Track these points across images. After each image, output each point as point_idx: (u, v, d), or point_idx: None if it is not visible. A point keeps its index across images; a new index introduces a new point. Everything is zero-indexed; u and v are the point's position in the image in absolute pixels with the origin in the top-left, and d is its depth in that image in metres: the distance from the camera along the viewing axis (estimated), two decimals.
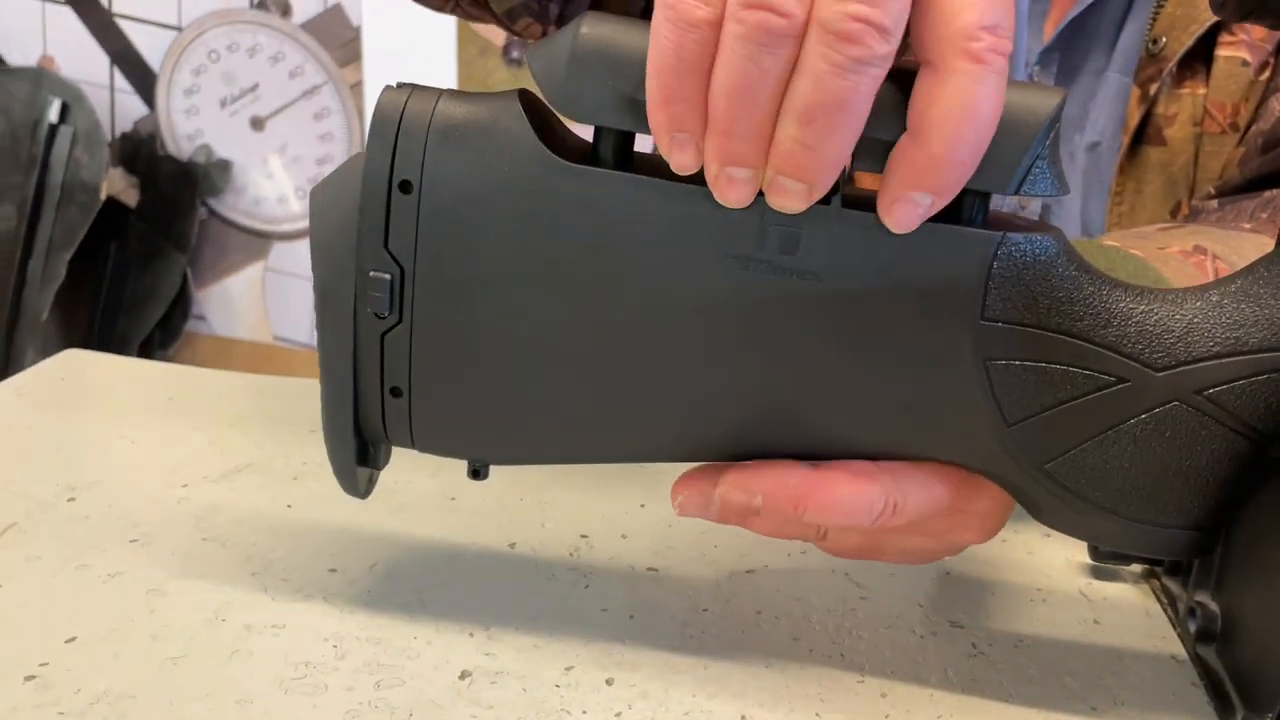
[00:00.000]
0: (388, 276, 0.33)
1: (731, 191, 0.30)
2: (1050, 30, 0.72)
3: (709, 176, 0.30)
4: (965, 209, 0.32)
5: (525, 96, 0.33)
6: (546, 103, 0.32)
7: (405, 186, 0.32)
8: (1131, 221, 0.71)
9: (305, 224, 1.92)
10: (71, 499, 0.45)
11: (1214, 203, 0.67)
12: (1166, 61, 0.68)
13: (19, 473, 0.47)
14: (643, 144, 0.33)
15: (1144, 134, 0.69)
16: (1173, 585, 0.43)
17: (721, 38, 0.28)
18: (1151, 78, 0.69)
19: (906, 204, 0.29)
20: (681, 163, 0.30)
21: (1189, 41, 0.67)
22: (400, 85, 0.33)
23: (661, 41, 0.28)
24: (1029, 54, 0.72)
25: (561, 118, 0.33)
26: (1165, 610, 0.43)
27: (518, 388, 0.34)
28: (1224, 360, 0.32)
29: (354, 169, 0.33)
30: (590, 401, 0.34)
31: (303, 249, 1.93)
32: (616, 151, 0.32)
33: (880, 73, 0.28)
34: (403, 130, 0.32)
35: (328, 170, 1.88)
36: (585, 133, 0.34)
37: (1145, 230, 0.61)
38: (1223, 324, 0.32)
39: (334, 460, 0.36)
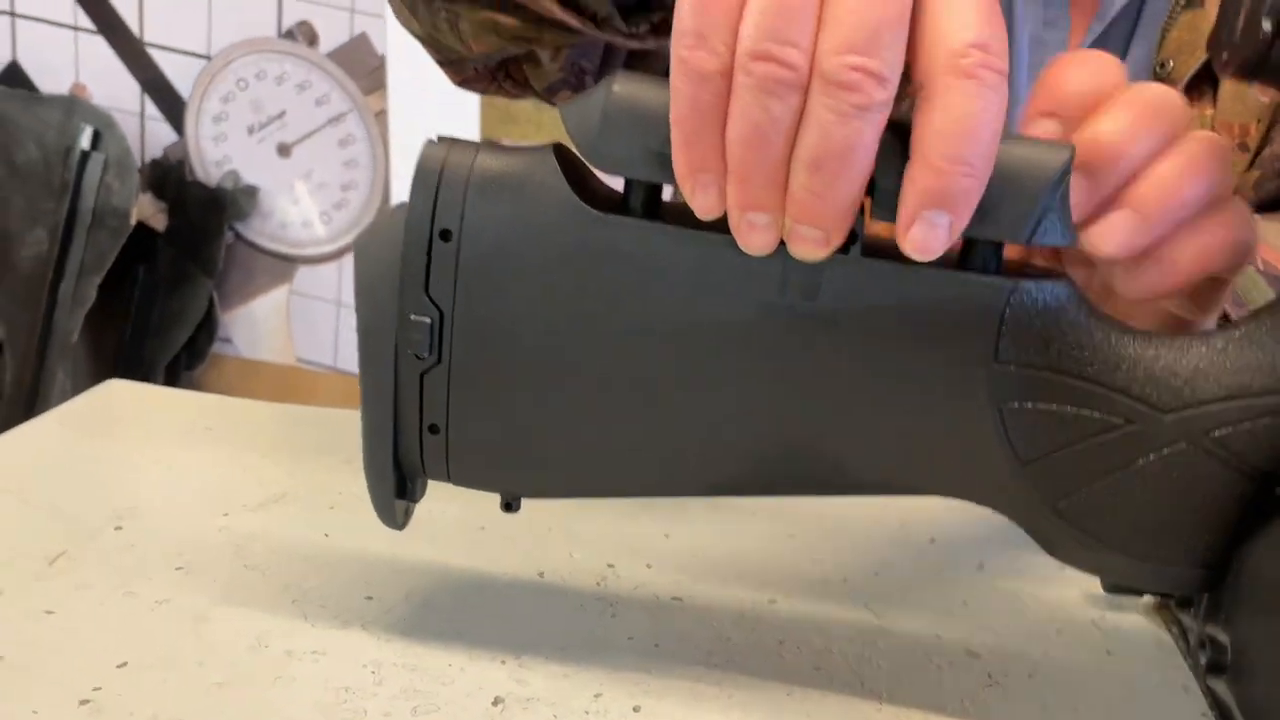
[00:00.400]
0: (428, 320, 0.35)
1: (754, 237, 0.32)
2: None
3: (731, 224, 0.32)
4: (979, 257, 0.33)
5: (560, 150, 0.35)
6: (580, 156, 0.34)
7: (445, 235, 0.34)
8: None
9: (330, 248, 1.95)
10: (118, 527, 0.47)
11: None
12: (1174, 84, 0.69)
13: (68, 501, 0.48)
14: (669, 193, 0.35)
15: None
16: (1185, 617, 0.44)
17: (733, 88, 0.30)
18: None
19: (923, 225, 0.30)
20: (705, 205, 0.32)
21: (1195, 65, 0.68)
22: (441, 139, 0.35)
23: (679, 93, 0.30)
24: None
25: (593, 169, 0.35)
26: (1177, 642, 0.44)
27: (550, 426, 0.36)
28: (1229, 404, 0.33)
29: (396, 218, 0.35)
30: (619, 439, 0.36)
31: (327, 273, 1.96)
32: (645, 202, 0.34)
33: (881, 118, 0.29)
34: (443, 182, 0.34)
35: (352, 195, 1.92)
36: (616, 183, 0.35)
37: None
38: (1228, 369, 0.33)
39: (373, 493, 0.38)
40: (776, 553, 0.49)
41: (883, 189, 0.31)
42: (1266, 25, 0.30)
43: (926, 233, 0.30)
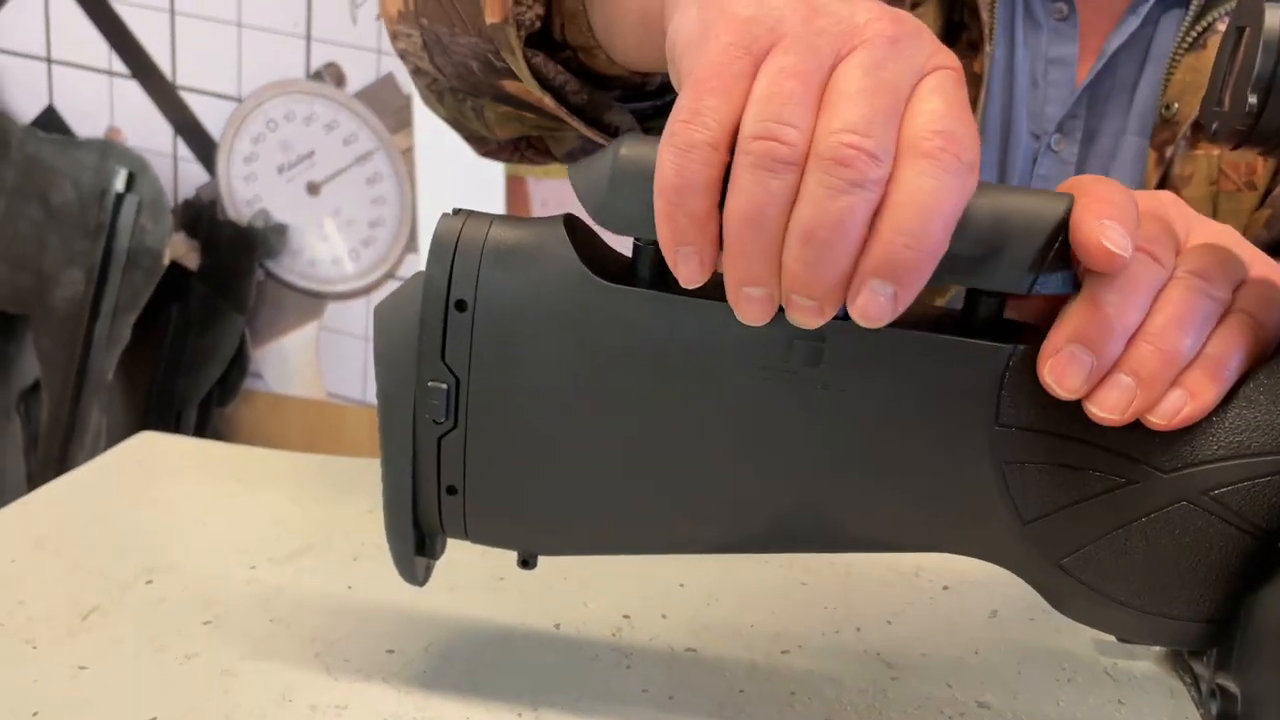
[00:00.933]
0: (444, 386, 0.36)
1: (750, 309, 0.32)
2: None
3: (730, 297, 0.33)
4: (981, 308, 0.34)
5: (570, 221, 0.36)
6: (589, 217, 0.35)
7: (461, 305, 0.36)
8: None
9: (358, 284, 1.98)
10: (149, 581, 0.48)
11: None
12: (1180, 125, 0.70)
13: (100, 555, 0.50)
14: None
15: None
16: (1197, 666, 0.45)
17: (734, 168, 0.31)
18: (1166, 141, 0.70)
19: (867, 293, 0.31)
20: (686, 275, 0.32)
21: (1200, 106, 0.68)
22: (457, 212, 0.37)
23: (664, 163, 0.31)
24: (1047, 121, 0.75)
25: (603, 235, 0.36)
26: (1189, 690, 0.45)
27: (563, 487, 0.37)
28: (1228, 463, 0.34)
29: (414, 288, 0.36)
30: (629, 500, 0.37)
31: (356, 308, 1.99)
32: (653, 270, 0.35)
33: (874, 195, 0.30)
34: (458, 254, 0.36)
35: (380, 232, 1.95)
36: (625, 245, 0.37)
37: None
38: (1226, 428, 0.34)
39: (394, 551, 0.39)
40: (790, 601, 0.50)
41: None
42: (1252, 99, 0.31)
43: (868, 300, 0.31)
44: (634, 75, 0.55)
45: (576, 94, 0.53)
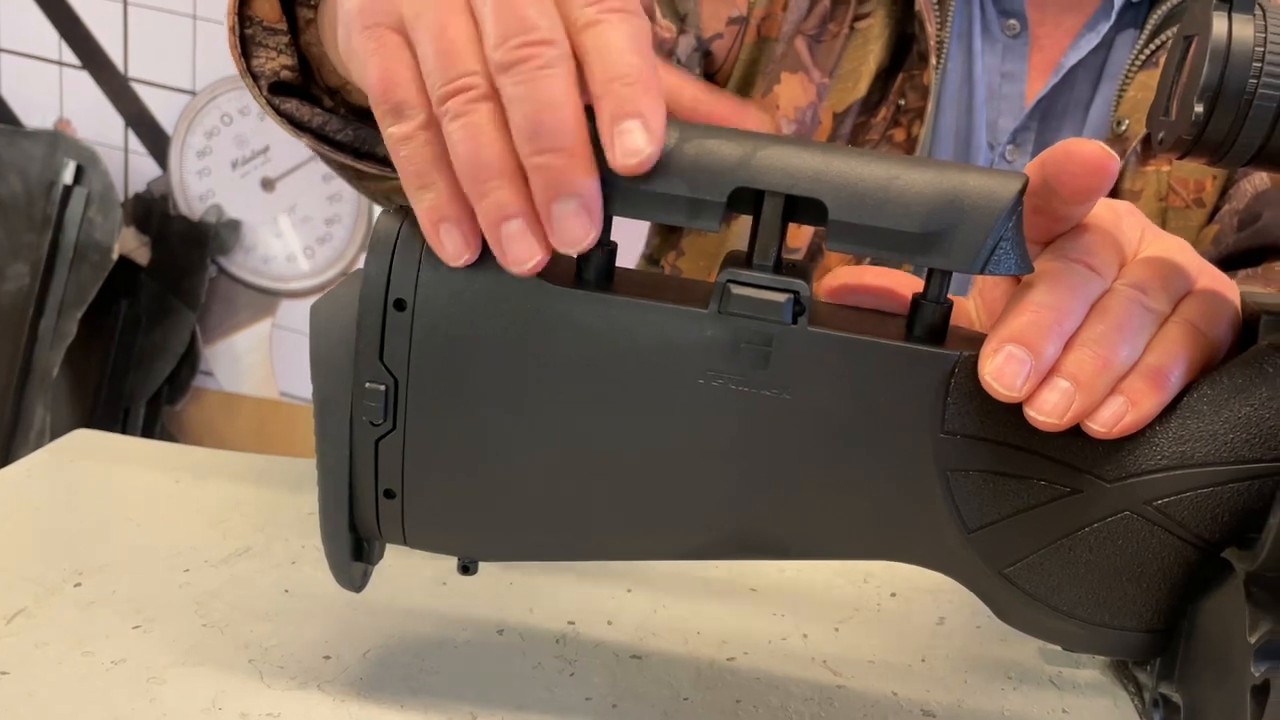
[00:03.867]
0: (382, 387, 0.35)
1: (516, 248, 0.33)
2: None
3: (495, 251, 0.33)
4: (927, 315, 0.34)
5: None
6: None
7: (400, 305, 0.35)
8: None
9: (313, 282, 1.95)
10: (78, 584, 0.47)
11: None
12: (1130, 141, 0.70)
13: (29, 557, 0.48)
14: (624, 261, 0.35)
15: None
16: (1141, 675, 0.45)
17: (445, 136, 0.32)
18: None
19: (619, 136, 0.31)
20: (454, 251, 0.33)
21: (1148, 115, 0.69)
22: (398, 209, 0.36)
23: (398, 164, 0.33)
24: (1000, 132, 0.75)
25: None
26: (1132, 699, 0.45)
27: (505, 492, 0.36)
28: (1171, 473, 0.34)
29: (352, 287, 0.35)
30: (572, 506, 0.36)
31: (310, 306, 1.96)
32: (599, 273, 0.35)
33: (568, 67, 0.31)
34: (397, 252, 0.35)
35: (336, 230, 1.92)
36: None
37: None
38: (1170, 438, 0.34)
39: (330, 557, 0.38)
40: (738, 607, 0.49)
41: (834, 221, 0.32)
42: (1199, 107, 0.31)
43: (624, 142, 0.31)
44: None
45: (341, 130, 0.55)
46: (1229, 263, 0.68)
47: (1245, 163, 0.31)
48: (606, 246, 0.34)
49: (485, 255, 0.34)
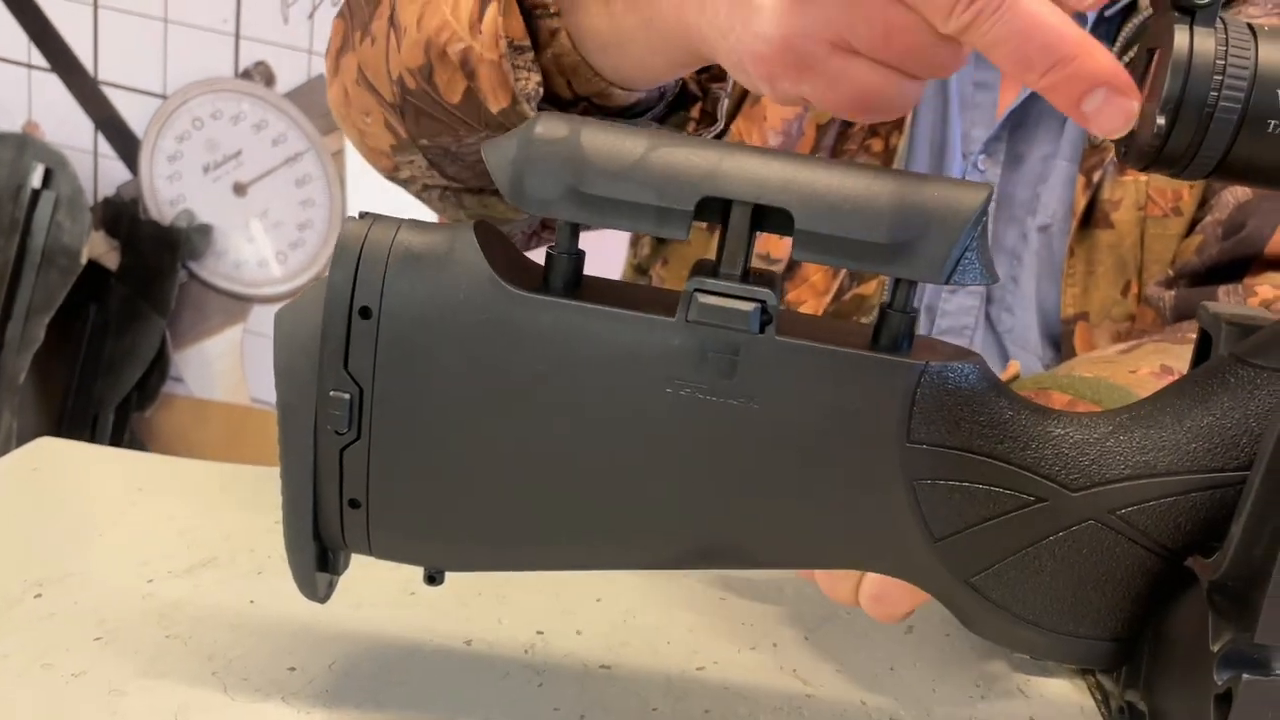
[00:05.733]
0: (347, 396, 0.35)
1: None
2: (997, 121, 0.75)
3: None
4: (894, 324, 0.34)
5: (480, 227, 0.35)
6: (503, 195, 0.34)
7: (365, 312, 0.34)
8: (1085, 301, 0.74)
9: (285, 287, 1.94)
10: (39, 595, 0.46)
11: (1169, 293, 0.69)
12: (1107, 152, 0.71)
13: None
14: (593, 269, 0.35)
15: (1092, 217, 0.72)
16: (1106, 683, 0.45)
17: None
18: (1095, 166, 0.72)
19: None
20: (1122, 119, 0.32)
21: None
22: (363, 215, 0.35)
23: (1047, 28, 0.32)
24: (973, 142, 0.75)
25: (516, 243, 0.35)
26: (1099, 707, 0.45)
27: (471, 501, 0.36)
28: (1134, 482, 0.34)
29: (317, 295, 0.35)
30: (538, 515, 0.36)
31: None
32: (566, 279, 0.34)
33: None
34: (363, 259, 0.34)
35: (309, 235, 1.91)
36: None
37: (1107, 354, 0.63)
38: (1132, 448, 0.34)
39: (294, 567, 0.38)
40: (708, 616, 0.49)
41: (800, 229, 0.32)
42: (1161, 119, 0.31)
43: None
44: (654, 92, 0.54)
45: None
46: (1213, 272, 0.68)
47: (1207, 175, 0.32)
48: (573, 254, 0.34)
49: (451, 259, 0.34)
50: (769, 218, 0.33)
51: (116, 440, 1.88)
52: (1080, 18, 0.71)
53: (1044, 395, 0.56)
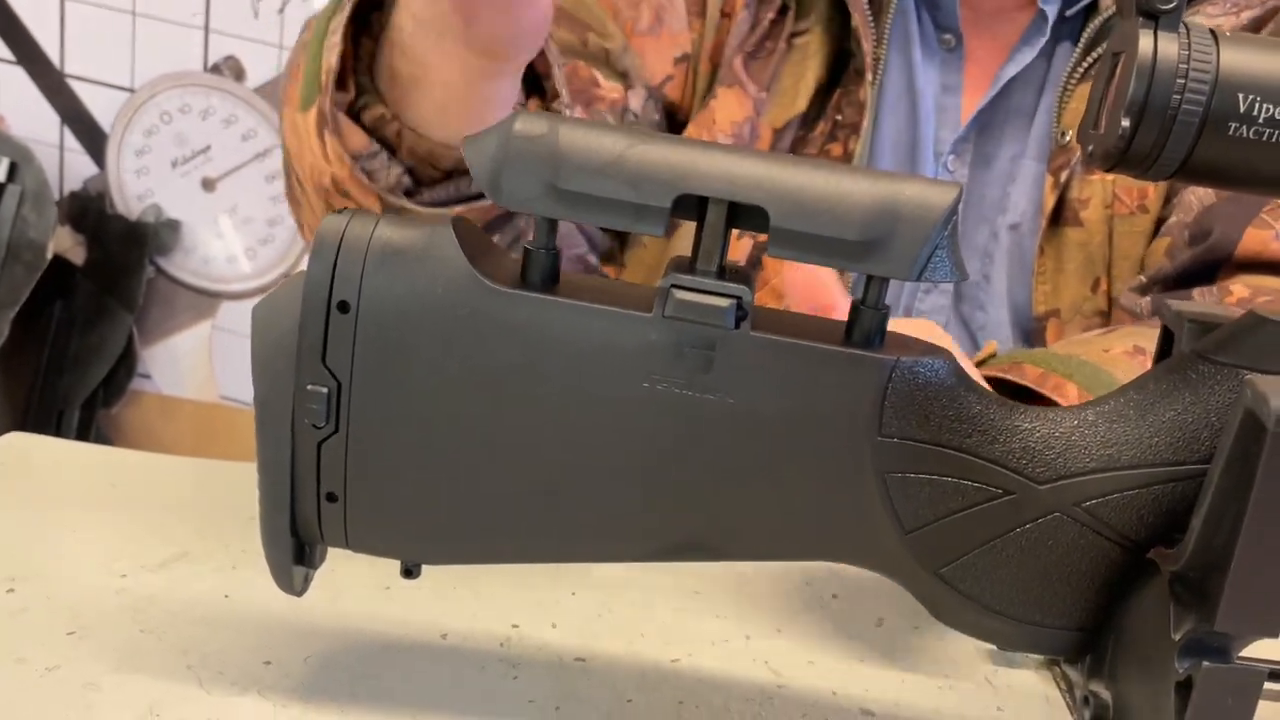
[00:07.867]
0: (325, 390, 0.35)
1: None
2: (964, 122, 0.76)
3: None
4: (870, 293, 0.34)
5: (459, 223, 0.35)
6: (483, 190, 0.34)
7: (343, 306, 0.35)
8: (1056, 298, 0.75)
9: (255, 284, 1.93)
10: (11, 590, 0.46)
11: (1145, 300, 0.71)
12: (1074, 152, 0.72)
13: None
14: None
15: (1061, 216, 0.74)
16: (1071, 673, 0.46)
17: None
18: (1062, 165, 0.73)
19: None
20: None
21: (1078, 129, 0.71)
22: (342, 210, 0.36)
23: None
24: (942, 143, 0.77)
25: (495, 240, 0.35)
26: (1064, 696, 0.46)
27: (449, 495, 0.36)
28: (1099, 475, 0.35)
29: (294, 288, 0.35)
30: (516, 509, 0.36)
31: (251, 308, 1.94)
32: (544, 275, 0.35)
33: None
34: (342, 253, 0.35)
35: (279, 231, 1.90)
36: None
37: (1085, 336, 0.65)
38: (1098, 442, 0.35)
39: (271, 560, 0.38)
40: (683, 610, 0.50)
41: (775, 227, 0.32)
42: (1125, 121, 0.32)
43: None
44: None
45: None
46: (1184, 277, 0.70)
47: (1169, 176, 0.33)
48: (551, 249, 0.35)
49: (430, 255, 0.34)
50: (744, 215, 0.33)
51: (82, 437, 1.86)
52: (1042, 18, 0.72)
53: (1017, 368, 0.57)
